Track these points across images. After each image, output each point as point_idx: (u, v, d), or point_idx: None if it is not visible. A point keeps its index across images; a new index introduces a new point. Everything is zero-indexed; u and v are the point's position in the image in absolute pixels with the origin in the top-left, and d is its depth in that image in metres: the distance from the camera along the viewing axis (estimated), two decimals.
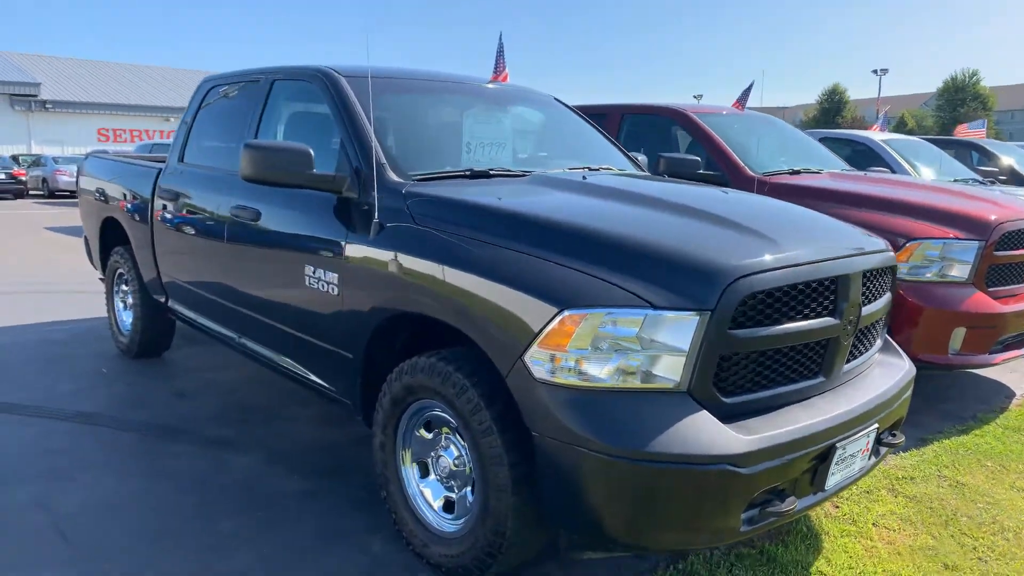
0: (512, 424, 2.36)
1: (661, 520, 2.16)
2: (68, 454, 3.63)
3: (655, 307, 2.13)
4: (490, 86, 4.07)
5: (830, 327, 2.43)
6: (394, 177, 2.96)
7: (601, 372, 2.16)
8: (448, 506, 2.72)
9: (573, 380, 2.18)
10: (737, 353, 2.23)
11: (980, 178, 8.04)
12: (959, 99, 72.74)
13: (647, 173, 3.96)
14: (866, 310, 2.63)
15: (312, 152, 3.00)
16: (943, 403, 4.65)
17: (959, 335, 4.15)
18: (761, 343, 2.25)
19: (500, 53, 5.48)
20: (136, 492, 3.26)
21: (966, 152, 10.61)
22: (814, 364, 2.47)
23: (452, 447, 2.66)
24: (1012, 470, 3.74)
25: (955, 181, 7.07)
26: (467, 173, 3.12)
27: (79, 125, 35.13)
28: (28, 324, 6.17)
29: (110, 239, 5.39)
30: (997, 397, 4.85)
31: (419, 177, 3.00)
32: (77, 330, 6.02)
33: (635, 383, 2.16)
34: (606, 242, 2.33)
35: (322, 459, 3.65)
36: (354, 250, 2.88)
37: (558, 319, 2.17)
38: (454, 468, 2.65)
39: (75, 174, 21.39)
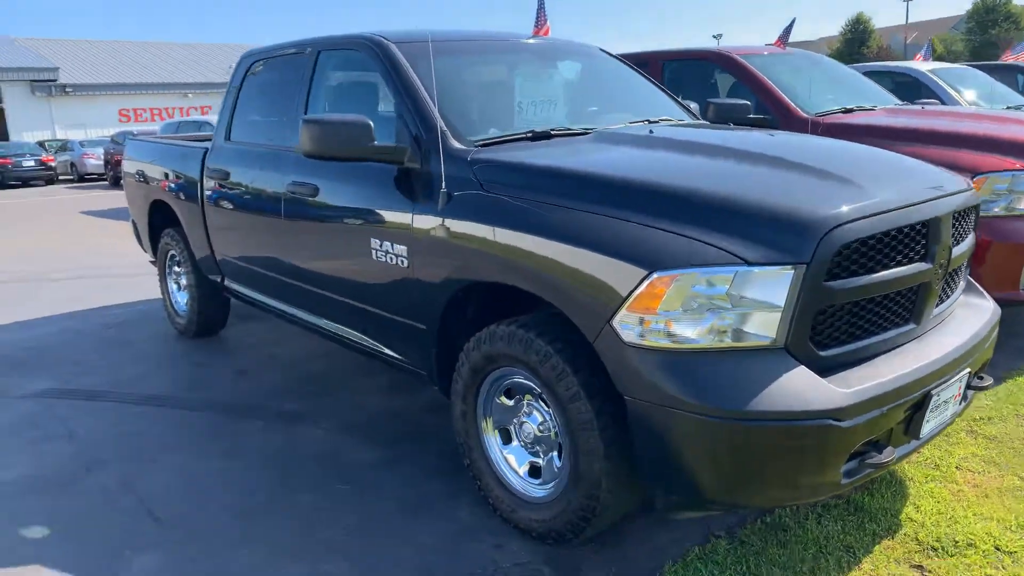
0: (600, 389, 2.34)
1: (761, 478, 2.14)
2: (145, 436, 3.70)
3: (748, 263, 2.08)
4: (534, 41, 3.96)
5: (923, 272, 2.36)
6: (456, 144, 2.90)
7: (693, 333, 2.12)
8: (534, 471, 2.73)
9: (665, 342, 2.14)
10: (832, 305, 2.17)
11: None
12: (990, 20, 69.92)
13: (706, 122, 3.85)
14: (955, 252, 2.55)
15: (372, 124, 2.96)
16: (1015, 339, 4.55)
17: None
18: (856, 294, 2.19)
19: (541, 6, 5.33)
20: (217, 470, 3.32)
21: (1011, 77, 10.21)
22: (906, 311, 2.41)
23: (535, 413, 2.65)
24: None
25: (1008, 108, 6.82)
26: (528, 135, 3.05)
27: (100, 107, 35.31)
28: (81, 310, 6.26)
29: (159, 221, 5.42)
30: None
31: (481, 142, 2.94)
32: (130, 314, 6.10)
33: (729, 342, 2.12)
34: (688, 198, 2.27)
35: (394, 427, 3.69)
36: (423, 221, 2.85)
37: (647, 282, 2.12)
38: (538, 434, 2.65)
39: (102, 156, 21.50)
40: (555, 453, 2.62)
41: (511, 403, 2.75)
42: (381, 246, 3.07)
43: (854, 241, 2.15)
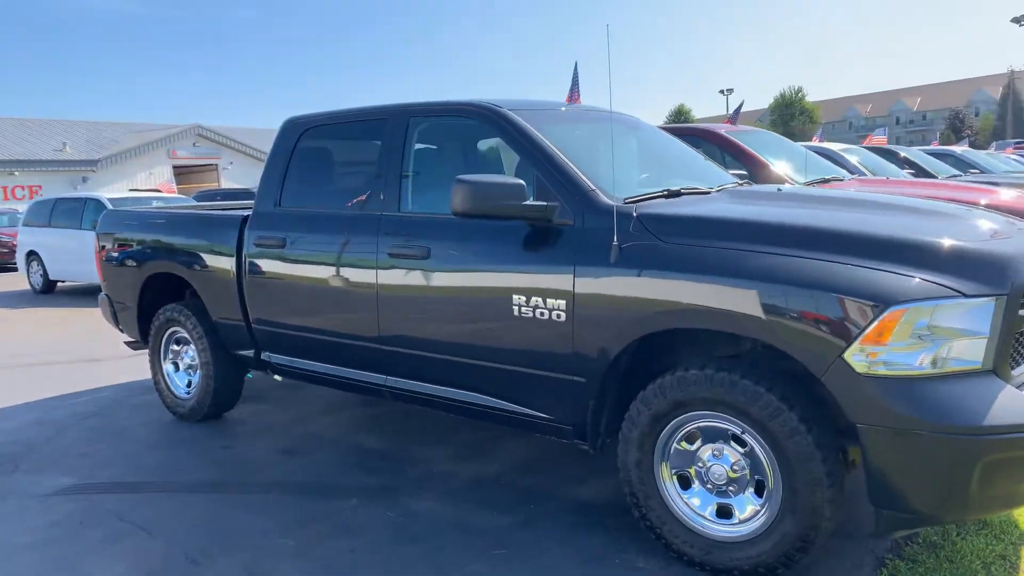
0: (817, 421, 2.52)
1: (989, 488, 2.37)
2: (231, 522, 3.37)
3: (965, 295, 2.37)
4: (605, 111, 4.19)
5: None
6: (608, 201, 3.05)
7: (917, 360, 2.36)
8: (721, 512, 2.81)
9: (893, 371, 2.37)
10: (1022, 331, 2.51)
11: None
12: (789, 113, 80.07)
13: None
14: None
15: (525, 184, 3.05)
16: None
17: None
18: None
19: (575, 78, 5.63)
20: (349, 550, 3.10)
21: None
22: None
23: (727, 454, 2.76)
24: None
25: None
26: (664, 193, 3.26)
27: None
28: (31, 402, 5.56)
29: (151, 299, 5.04)
30: None
31: (629, 200, 3.10)
32: (100, 401, 5.50)
33: (947, 367, 2.38)
34: (891, 242, 2.55)
35: (502, 491, 3.61)
36: (588, 275, 2.93)
37: (883, 316, 2.35)
38: (731, 475, 2.76)
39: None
40: (749, 491, 2.73)
41: (692, 448, 2.84)
42: (528, 302, 3.10)
43: None
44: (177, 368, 5.03)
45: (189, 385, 4.94)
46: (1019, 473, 2.38)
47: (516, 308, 3.14)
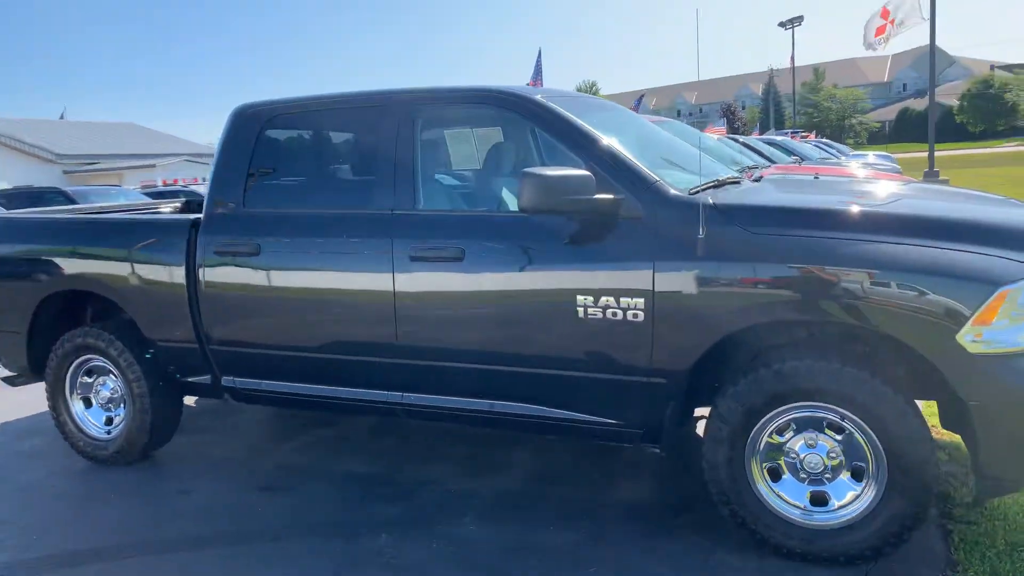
0: (911, 403, 2.61)
1: None
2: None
3: None
4: (601, 99, 4.05)
5: None
6: (678, 192, 2.93)
7: (1020, 336, 2.51)
8: (815, 500, 2.81)
9: (1000, 348, 2.49)
10: None
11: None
12: None
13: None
14: None
15: (594, 177, 2.85)
16: None
17: None
18: None
19: (539, 62, 5.34)
20: None
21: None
22: None
23: (822, 442, 2.77)
24: None
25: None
26: (715, 183, 3.20)
27: None
28: None
29: (47, 323, 4.17)
30: None
31: (692, 191, 3.00)
32: None
33: None
34: (983, 226, 2.68)
35: (541, 505, 3.38)
36: (672, 269, 2.80)
37: (992, 296, 2.46)
38: (827, 463, 2.77)
39: None
40: (846, 477, 2.76)
41: (783, 439, 2.82)
42: (597, 303, 2.91)
43: None
44: (89, 404, 4.19)
45: (109, 423, 4.15)
46: None
47: (581, 310, 2.93)
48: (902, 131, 70.35)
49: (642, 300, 2.85)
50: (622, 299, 2.87)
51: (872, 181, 4.34)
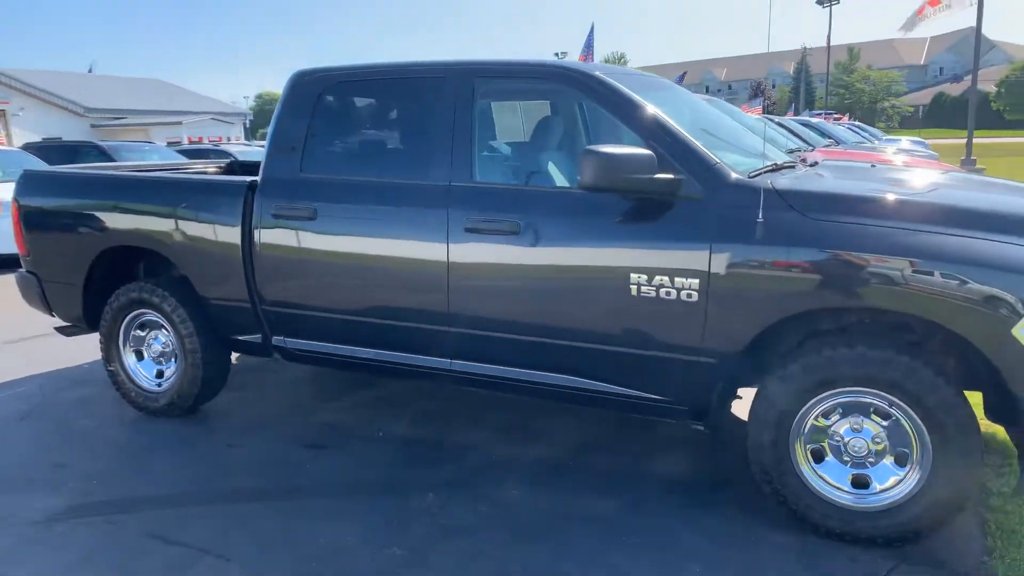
0: (960, 393, 2.65)
1: None
2: (323, 540, 2.95)
3: None
4: (648, 75, 4.04)
5: None
6: (738, 175, 2.96)
7: None
8: (856, 483, 2.87)
9: None
10: None
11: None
12: None
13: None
14: None
15: (655, 156, 2.88)
16: None
17: None
18: None
19: (590, 39, 5.33)
20: (476, 558, 2.84)
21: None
22: None
23: (867, 427, 2.82)
24: None
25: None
26: (772, 167, 3.22)
27: None
28: None
29: (102, 277, 4.29)
30: None
31: (752, 174, 3.03)
32: (25, 396, 4.63)
33: None
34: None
35: (583, 473, 3.47)
36: (729, 251, 2.84)
37: None
38: (872, 447, 2.83)
39: None
40: (890, 461, 2.82)
41: (828, 423, 2.88)
42: (651, 281, 2.96)
43: None
44: (141, 357, 4.33)
45: (160, 376, 4.28)
46: None
47: (634, 288, 2.99)
48: (936, 116, 69.18)
49: (697, 281, 2.90)
50: (676, 279, 2.92)
51: (921, 170, 4.32)
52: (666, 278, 2.94)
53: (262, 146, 20.13)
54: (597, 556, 2.82)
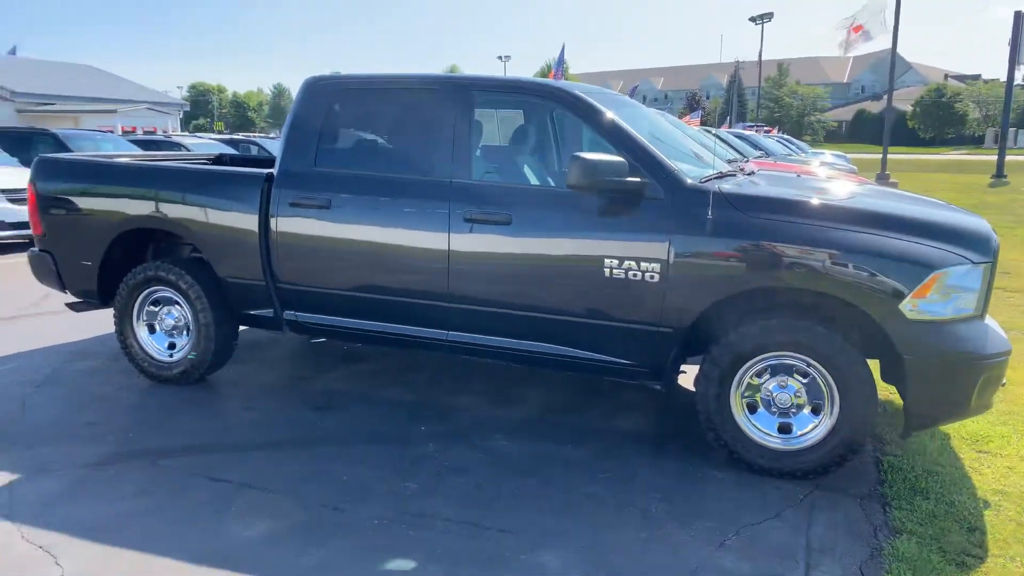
0: (861, 356, 3.40)
1: (984, 397, 3.40)
2: (348, 478, 3.50)
3: (973, 262, 3.35)
4: (615, 94, 4.72)
5: None
6: (689, 180, 3.65)
7: (945, 309, 3.32)
8: (782, 429, 3.59)
9: (929, 316, 3.29)
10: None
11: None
12: None
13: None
14: None
15: (627, 163, 3.55)
16: None
17: None
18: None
19: (561, 56, 5.93)
20: (480, 487, 3.44)
21: None
22: None
23: (791, 384, 3.55)
24: None
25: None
26: (718, 174, 3.93)
27: None
28: None
29: (119, 256, 4.72)
30: None
31: (703, 180, 3.73)
32: (37, 367, 4.98)
33: (960, 314, 3.35)
34: (925, 222, 3.46)
35: (558, 429, 4.10)
36: (684, 243, 3.52)
37: (929, 276, 3.26)
38: (794, 400, 3.56)
39: None
40: (807, 411, 3.55)
41: (760, 381, 3.60)
42: (620, 266, 3.62)
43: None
44: (153, 331, 4.76)
45: (172, 348, 4.72)
46: (994, 387, 3.44)
47: (607, 271, 3.65)
48: (857, 131, 72.89)
49: (658, 265, 3.58)
50: (642, 264, 3.60)
51: (838, 181, 5.14)
52: (633, 263, 3.61)
53: (212, 139, 19.95)
54: (578, 486, 3.46)
